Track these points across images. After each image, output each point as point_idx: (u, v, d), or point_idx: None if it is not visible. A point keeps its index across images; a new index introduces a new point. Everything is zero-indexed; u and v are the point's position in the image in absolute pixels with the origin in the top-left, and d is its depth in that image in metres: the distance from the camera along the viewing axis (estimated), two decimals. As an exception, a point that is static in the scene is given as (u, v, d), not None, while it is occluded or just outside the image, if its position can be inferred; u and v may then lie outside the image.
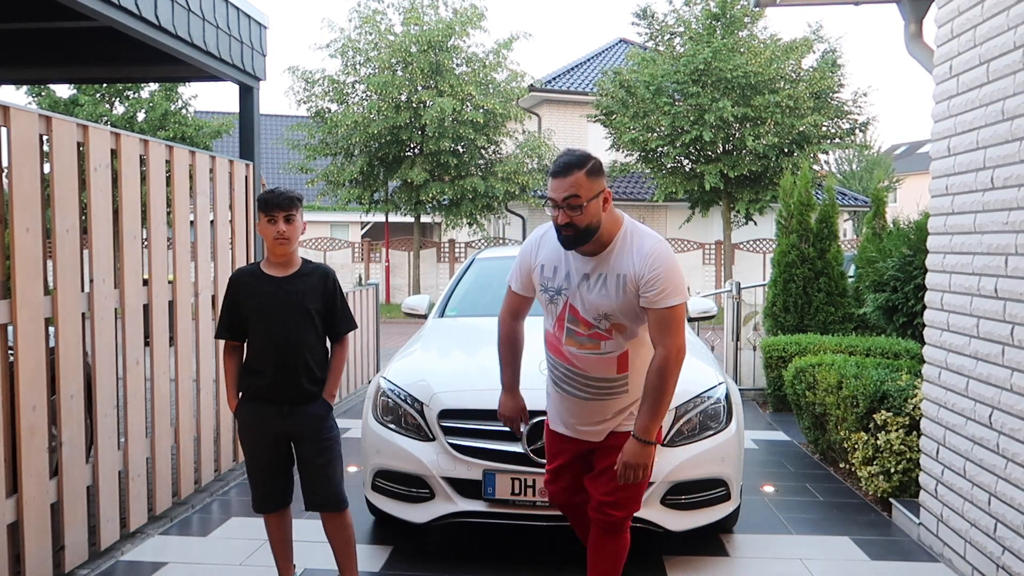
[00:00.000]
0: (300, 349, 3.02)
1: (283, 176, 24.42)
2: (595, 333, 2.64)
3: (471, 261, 5.76)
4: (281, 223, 2.98)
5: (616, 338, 2.64)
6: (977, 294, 3.55)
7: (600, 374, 2.67)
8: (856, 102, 17.33)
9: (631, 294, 2.57)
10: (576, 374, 2.70)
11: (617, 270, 2.59)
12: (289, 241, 3.00)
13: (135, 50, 5.14)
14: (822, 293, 7.40)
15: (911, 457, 4.30)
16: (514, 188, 18.34)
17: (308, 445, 3.08)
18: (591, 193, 2.52)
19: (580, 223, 2.53)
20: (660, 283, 2.53)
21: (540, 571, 3.66)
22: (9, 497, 3.17)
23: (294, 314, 3.02)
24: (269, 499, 3.15)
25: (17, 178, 3.17)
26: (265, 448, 3.09)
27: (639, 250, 2.59)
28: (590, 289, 2.63)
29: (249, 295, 3.05)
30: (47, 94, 17.01)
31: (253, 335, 3.06)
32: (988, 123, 3.47)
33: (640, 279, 2.55)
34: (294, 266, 3.10)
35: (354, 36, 17.93)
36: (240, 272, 3.14)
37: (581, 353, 2.67)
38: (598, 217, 2.56)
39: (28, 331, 3.23)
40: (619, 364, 2.66)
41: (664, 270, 2.54)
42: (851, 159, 34.76)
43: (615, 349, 2.64)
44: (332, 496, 3.11)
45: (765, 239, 20.83)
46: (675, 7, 17.72)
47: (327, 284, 3.11)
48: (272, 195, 2.98)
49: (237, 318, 3.08)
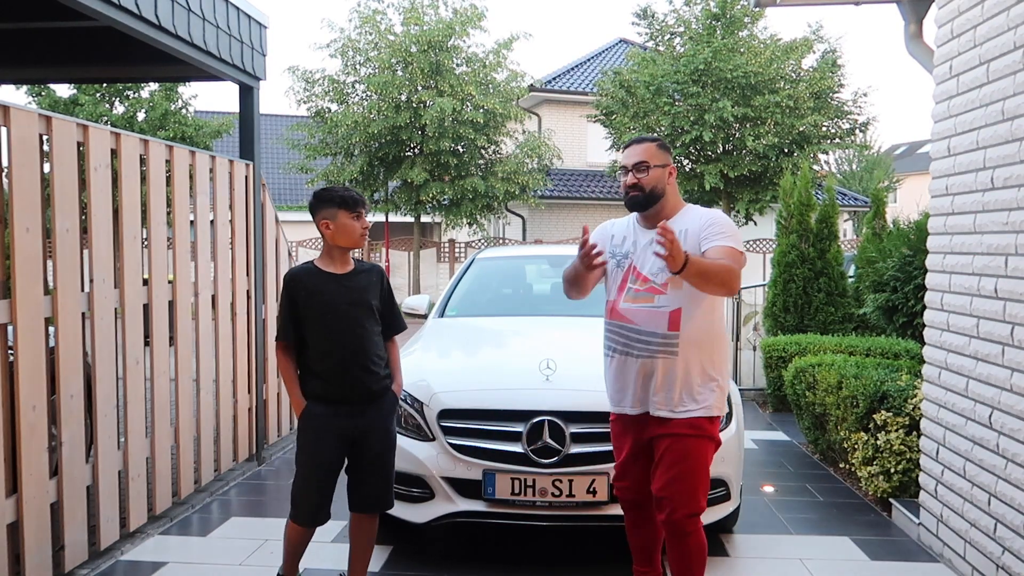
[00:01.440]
0: (368, 345, 3.04)
1: (283, 176, 24.43)
2: (651, 287, 2.82)
3: (471, 261, 5.76)
4: (364, 218, 3.07)
5: (671, 294, 2.78)
6: (977, 294, 3.55)
7: (651, 327, 2.80)
8: (856, 102, 17.32)
9: (692, 246, 2.77)
10: (629, 330, 2.84)
11: (679, 227, 2.82)
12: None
13: (135, 50, 5.14)
14: (822, 293, 7.39)
15: (911, 457, 4.30)
16: (514, 188, 18.33)
17: (373, 444, 3.07)
18: (658, 161, 2.88)
19: (646, 185, 2.86)
20: (718, 227, 2.79)
21: (540, 571, 3.66)
22: (9, 497, 3.17)
23: (360, 310, 3.05)
24: (320, 511, 3.08)
25: (17, 178, 3.17)
26: (332, 451, 3.04)
27: (701, 213, 2.90)
28: (653, 251, 2.79)
29: (313, 293, 3.02)
30: (47, 94, 16.99)
31: (315, 336, 3.02)
32: (988, 123, 3.47)
33: (702, 231, 2.80)
34: (350, 263, 3.13)
35: (354, 36, 17.92)
36: (299, 269, 3.09)
37: (634, 307, 2.84)
38: (662, 184, 2.88)
39: (28, 331, 3.23)
40: (671, 321, 2.78)
41: (723, 222, 2.82)
42: (851, 159, 34.76)
43: (668, 304, 2.79)
44: (386, 494, 3.14)
45: (765, 239, 20.83)
46: (675, 7, 17.71)
47: (383, 281, 3.18)
48: (352, 192, 3.06)
49: (298, 318, 3.04)
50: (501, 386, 3.73)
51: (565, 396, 3.53)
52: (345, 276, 3.08)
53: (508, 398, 3.59)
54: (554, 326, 4.78)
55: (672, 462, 2.79)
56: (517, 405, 3.53)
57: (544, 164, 18.99)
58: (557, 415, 3.46)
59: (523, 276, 5.78)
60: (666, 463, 2.80)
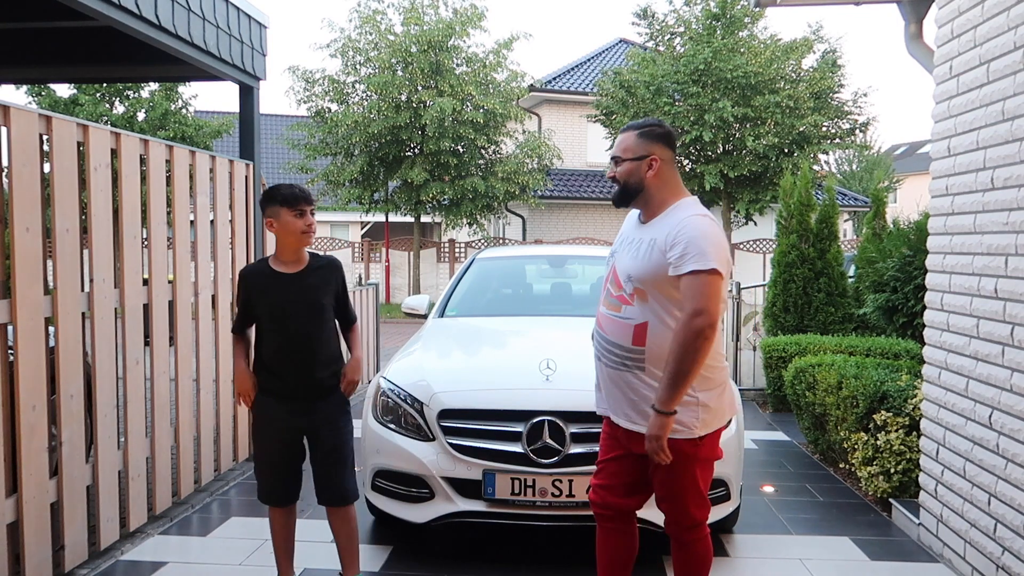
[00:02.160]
0: (316, 345, 3.05)
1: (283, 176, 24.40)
2: (620, 296, 2.65)
3: (471, 261, 5.76)
4: (309, 216, 3.05)
5: (637, 306, 2.58)
6: (977, 294, 3.55)
7: (616, 339, 2.63)
8: (856, 102, 17.33)
9: (656, 261, 2.54)
10: (601, 336, 2.73)
11: (652, 235, 2.62)
12: (314, 234, 3.07)
13: (135, 50, 5.14)
14: (822, 293, 7.39)
15: (911, 457, 4.30)
16: (514, 188, 18.34)
17: (325, 439, 3.10)
18: (631, 153, 2.67)
19: (618, 177, 2.70)
20: (681, 247, 2.48)
21: (540, 571, 3.66)
22: (9, 497, 3.17)
23: (309, 311, 3.05)
24: (274, 492, 3.17)
25: (17, 178, 3.17)
26: (279, 444, 3.11)
27: (679, 219, 2.57)
28: (627, 252, 2.69)
29: (262, 292, 3.06)
30: (47, 94, 16.99)
31: (267, 332, 3.08)
32: (988, 123, 3.47)
33: (669, 245, 2.52)
34: (304, 261, 3.12)
35: (354, 36, 17.93)
36: (250, 269, 3.15)
37: (605, 312, 2.71)
38: (637, 177, 2.66)
39: (28, 331, 3.23)
40: (635, 335, 2.58)
41: (689, 234, 2.49)
42: (851, 159, 34.76)
43: (633, 317, 2.58)
44: (345, 489, 3.15)
45: (765, 239, 20.83)
46: (675, 7, 17.72)
47: (337, 276, 3.17)
48: (296, 189, 3.04)
49: (252, 314, 3.12)
50: (501, 386, 3.73)
51: (565, 396, 3.53)
52: (296, 276, 3.08)
53: (508, 398, 3.59)
54: (554, 326, 4.78)
55: (659, 482, 2.67)
56: (517, 405, 3.52)
57: (544, 164, 18.99)
58: (557, 415, 3.46)
59: (523, 276, 5.78)
60: (656, 480, 2.68)
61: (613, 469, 2.77)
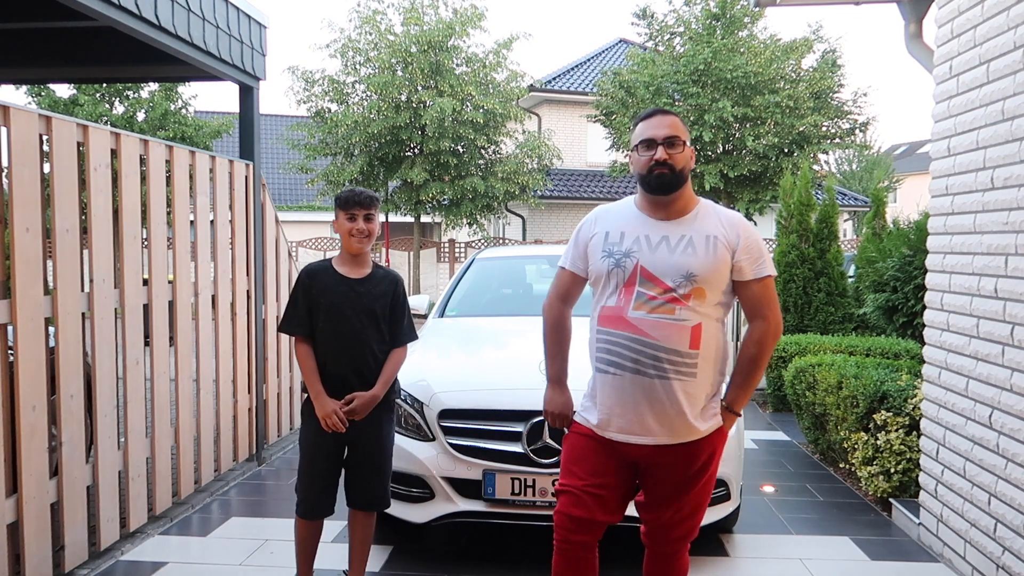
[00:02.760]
0: (364, 352, 3.06)
1: (283, 176, 24.44)
2: (671, 297, 2.40)
3: (471, 261, 5.77)
4: (361, 221, 3.04)
5: (693, 306, 2.41)
6: (977, 294, 3.55)
7: (672, 344, 2.39)
8: (856, 102, 17.32)
9: (722, 258, 2.45)
10: (644, 344, 2.40)
11: (706, 232, 2.48)
12: (368, 239, 3.06)
13: (135, 50, 5.14)
14: (822, 293, 7.40)
15: (911, 457, 4.30)
16: (514, 188, 18.33)
17: (365, 444, 3.11)
18: (686, 137, 2.50)
19: (677, 164, 2.45)
20: (757, 250, 2.50)
21: (540, 571, 3.66)
22: (9, 497, 3.17)
23: (363, 317, 3.06)
24: (319, 507, 3.15)
25: (17, 178, 3.17)
26: (328, 448, 3.10)
27: (727, 217, 2.54)
28: (672, 250, 2.45)
29: (322, 292, 3.06)
30: (47, 94, 16.98)
31: (321, 334, 3.07)
32: (988, 123, 3.47)
33: (735, 244, 2.48)
34: (367, 268, 3.14)
35: (354, 36, 17.92)
36: (314, 267, 3.14)
37: (652, 318, 2.40)
38: (690, 167, 2.51)
39: (28, 331, 3.23)
40: (692, 337, 2.41)
41: (757, 239, 2.53)
42: (851, 159, 34.75)
43: (690, 318, 2.41)
44: (377, 496, 3.16)
45: (765, 239, 20.82)
46: (675, 7, 17.70)
47: (396, 290, 3.16)
48: (353, 193, 3.05)
49: (307, 313, 3.08)
50: (501, 386, 3.73)
51: (565, 396, 3.52)
52: (356, 281, 3.10)
53: (508, 398, 3.59)
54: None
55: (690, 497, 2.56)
56: (517, 405, 3.52)
57: (544, 164, 18.98)
58: (557, 415, 3.45)
59: (523, 276, 5.78)
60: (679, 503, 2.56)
61: (601, 491, 2.52)
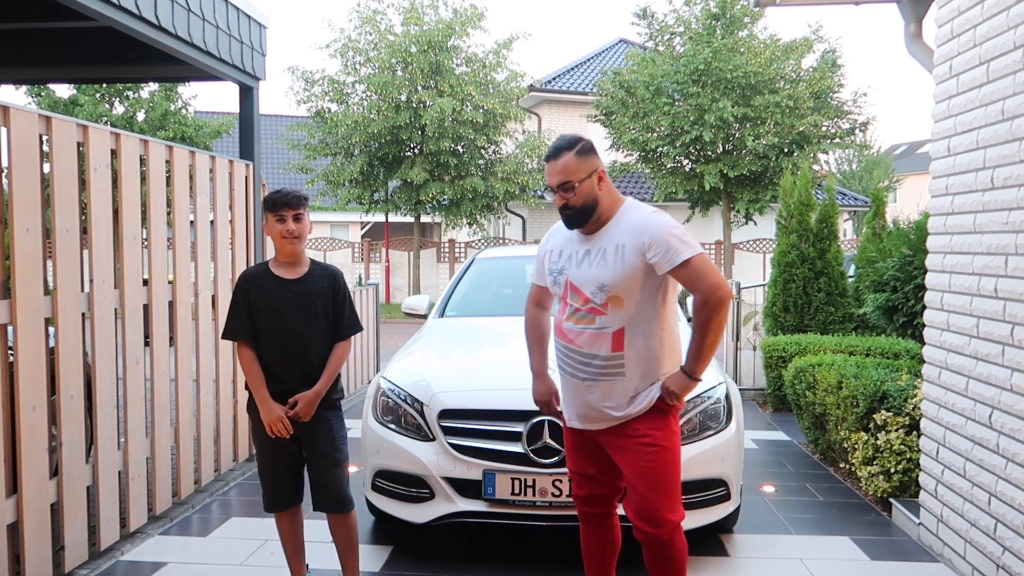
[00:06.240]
0: (308, 351, 3.05)
1: (283, 176, 24.42)
2: (592, 308, 2.66)
3: (471, 261, 5.76)
4: (290, 222, 3.00)
5: (612, 314, 2.64)
6: (977, 294, 3.55)
7: (594, 351, 2.67)
8: (856, 102, 17.33)
9: (631, 264, 2.61)
10: (573, 351, 2.72)
11: (615, 241, 2.66)
12: (299, 239, 3.03)
13: (135, 50, 5.14)
14: (822, 293, 7.39)
15: (911, 457, 4.30)
16: (514, 188, 18.35)
17: (317, 446, 3.10)
18: (582, 174, 2.64)
19: (575, 203, 2.66)
20: (664, 243, 2.58)
21: (540, 571, 3.66)
22: (9, 497, 3.17)
23: (304, 317, 3.04)
24: (278, 499, 3.18)
25: (17, 178, 3.17)
26: (276, 448, 3.11)
27: (637, 220, 2.68)
28: (590, 263, 2.68)
29: (259, 295, 3.05)
30: (47, 94, 16.99)
31: (265, 336, 3.06)
32: (988, 123, 3.47)
33: (644, 247, 2.60)
34: (303, 267, 3.12)
35: (354, 36, 17.93)
36: (250, 272, 3.14)
37: (577, 328, 2.70)
38: (593, 195, 2.67)
39: (28, 331, 3.23)
40: (613, 342, 2.64)
41: (659, 231, 2.60)
42: (851, 159, 34.77)
43: (609, 325, 2.64)
44: (339, 497, 3.14)
45: (765, 239, 20.83)
46: (675, 7, 17.72)
47: (335, 285, 3.14)
48: (280, 194, 3.02)
49: (248, 318, 3.07)
50: (501, 386, 3.73)
51: (565, 396, 3.52)
52: (293, 282, 3.08)
53: (508, 398, 3.59)
54: (554, 326, 4.77)
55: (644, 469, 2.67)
56: (517, 405, 3.52)
57: (544, 164, 18.96)
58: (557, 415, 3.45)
59: (523, 276, 5.77)
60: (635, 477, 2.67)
61: (590, 470, 2.86)
